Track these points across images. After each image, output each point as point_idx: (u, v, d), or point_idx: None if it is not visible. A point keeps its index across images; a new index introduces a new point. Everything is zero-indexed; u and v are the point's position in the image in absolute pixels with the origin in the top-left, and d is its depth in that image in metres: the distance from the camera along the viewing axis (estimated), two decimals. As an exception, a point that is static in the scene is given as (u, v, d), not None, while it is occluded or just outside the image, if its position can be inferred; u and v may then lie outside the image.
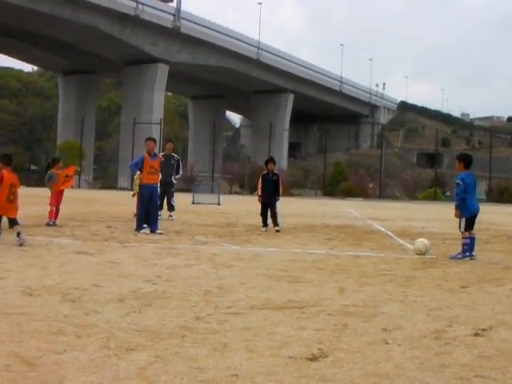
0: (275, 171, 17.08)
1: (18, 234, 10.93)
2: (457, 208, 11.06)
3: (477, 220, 11.31)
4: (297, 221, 20.83)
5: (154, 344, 4.68)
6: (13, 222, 11.22)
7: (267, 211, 16.55)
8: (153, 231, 14.18)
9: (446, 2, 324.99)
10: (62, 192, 16.15)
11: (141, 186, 14.75)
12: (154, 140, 15.58)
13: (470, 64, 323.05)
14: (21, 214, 11.57)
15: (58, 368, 4.02)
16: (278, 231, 15.90)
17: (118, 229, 15.00)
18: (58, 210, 15.82)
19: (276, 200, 16.66)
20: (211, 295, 6.74)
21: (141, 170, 14.57)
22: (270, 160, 17.23)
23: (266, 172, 16.94)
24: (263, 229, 16.30)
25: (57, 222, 15.57)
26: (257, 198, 17.11)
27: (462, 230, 11.02)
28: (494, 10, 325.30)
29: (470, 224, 11.07)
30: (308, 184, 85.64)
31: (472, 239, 11.06)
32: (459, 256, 10.94)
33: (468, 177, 11.13)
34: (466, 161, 11.37)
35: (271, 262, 9.75)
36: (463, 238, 11.05)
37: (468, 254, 10.91)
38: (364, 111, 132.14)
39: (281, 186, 16.86)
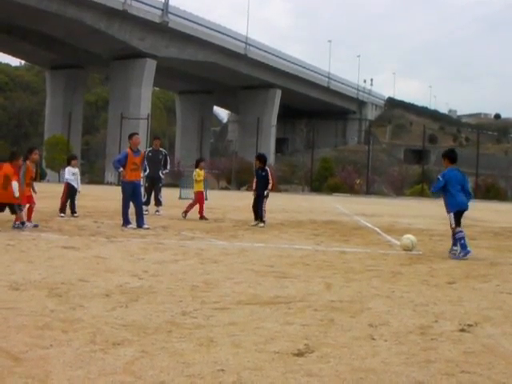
0: (266, 167, 17.06)
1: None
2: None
3: (463, 216, 11.31)
4: (284, 216, 20.85)
5: (140, 339, 4.67)
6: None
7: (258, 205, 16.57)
8: (139, 226, 14.17)
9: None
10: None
11: (123, 183, 14.74)
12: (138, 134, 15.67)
13: (457, 61, 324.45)
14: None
15: (44, 363, 4.01)
16: (261, 227, 15.92)
17: (104, 224, 14.97)
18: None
19: (264, 194, 16.65)
20: (198, 290, 6.74)
21: (124, 167, 14.52)
22: (256, 157, 17.32)
23: (256, 168, 17.08)
24: (254, 222, 16.30)
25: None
26: (248, 193, 17.26)
27: (453, 225, 10.91)
28: (481, 7, 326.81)
29: (457, 219, 10.94)
30: (295, 180, 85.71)
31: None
32: (462, 254, 10.64)
33: (451, 172, 11.16)
34: (449, 156, 11.45)
35: (258, 258, 9.75)
36: (455, 233, 10.86)
37: (468, 249, 10.66)
38: (352, 107, 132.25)
39: (270, 181, 16.77)
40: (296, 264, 9.21)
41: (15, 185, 12.62)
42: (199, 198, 18.07)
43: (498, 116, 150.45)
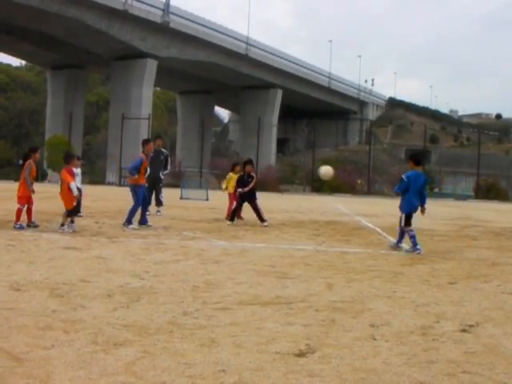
0: (252, 173, 17.04)
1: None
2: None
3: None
4: (285, 216, 20.82)
5: (141, 339, 4.67)
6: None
7: (240, 208, 17.02)
8: (143, 223, 14.36)
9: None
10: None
11: (136, 187, 14.77)
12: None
13: (458, 61, 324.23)
14: (11, 210, 11.54)
15: (45, 363, 4.02)
16: (265, 226, 15.96)
17: (106, 224, 14.96)
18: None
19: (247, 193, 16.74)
20: (199, 291, 6.74)
21: (138, 173, 14.68)
22: (247, 162, 17.27)
23: (242, 173, 17.07)
24: (229, 222, 16.40)
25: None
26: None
27: (403, 224, 11.59)
28: (482, 7, 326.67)
29: (409, 220, 11.58)
30: (296, 180, 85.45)
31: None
32: (411, 250, 11.39)
33: (414, 174, 11.64)
34: (414, 159, 11.98)
35: (259, 258, 9.75)
36: (407, 232, 11.52)
37: (418, 246, 11.33)
38: (353, 107, 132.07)
39: (252, 185, 16.73)
40: (297, 264, 9.22)
41: (72, 185, 12.88)
42: (234, 199, 18.22)
43: (499, 116, 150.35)
